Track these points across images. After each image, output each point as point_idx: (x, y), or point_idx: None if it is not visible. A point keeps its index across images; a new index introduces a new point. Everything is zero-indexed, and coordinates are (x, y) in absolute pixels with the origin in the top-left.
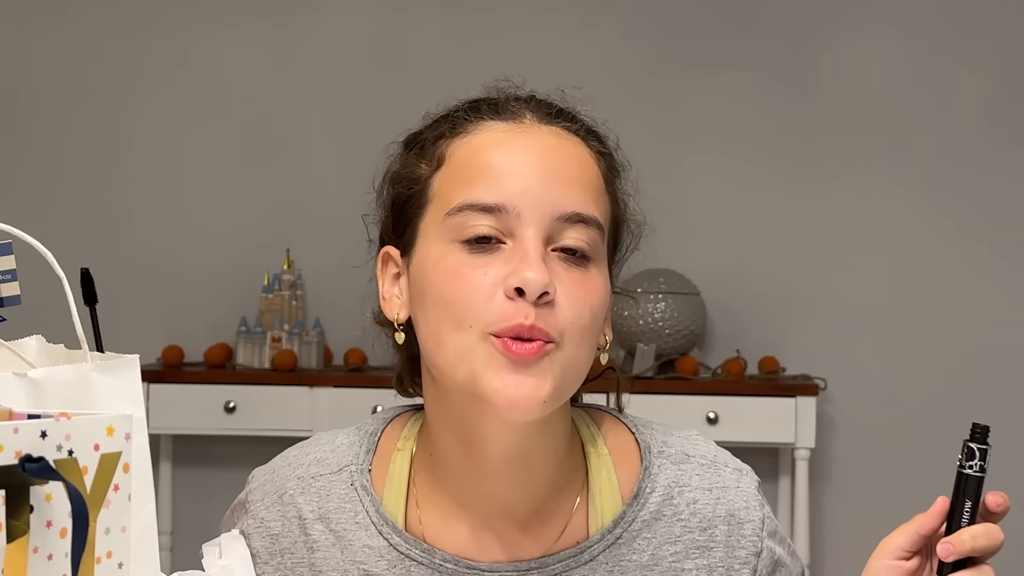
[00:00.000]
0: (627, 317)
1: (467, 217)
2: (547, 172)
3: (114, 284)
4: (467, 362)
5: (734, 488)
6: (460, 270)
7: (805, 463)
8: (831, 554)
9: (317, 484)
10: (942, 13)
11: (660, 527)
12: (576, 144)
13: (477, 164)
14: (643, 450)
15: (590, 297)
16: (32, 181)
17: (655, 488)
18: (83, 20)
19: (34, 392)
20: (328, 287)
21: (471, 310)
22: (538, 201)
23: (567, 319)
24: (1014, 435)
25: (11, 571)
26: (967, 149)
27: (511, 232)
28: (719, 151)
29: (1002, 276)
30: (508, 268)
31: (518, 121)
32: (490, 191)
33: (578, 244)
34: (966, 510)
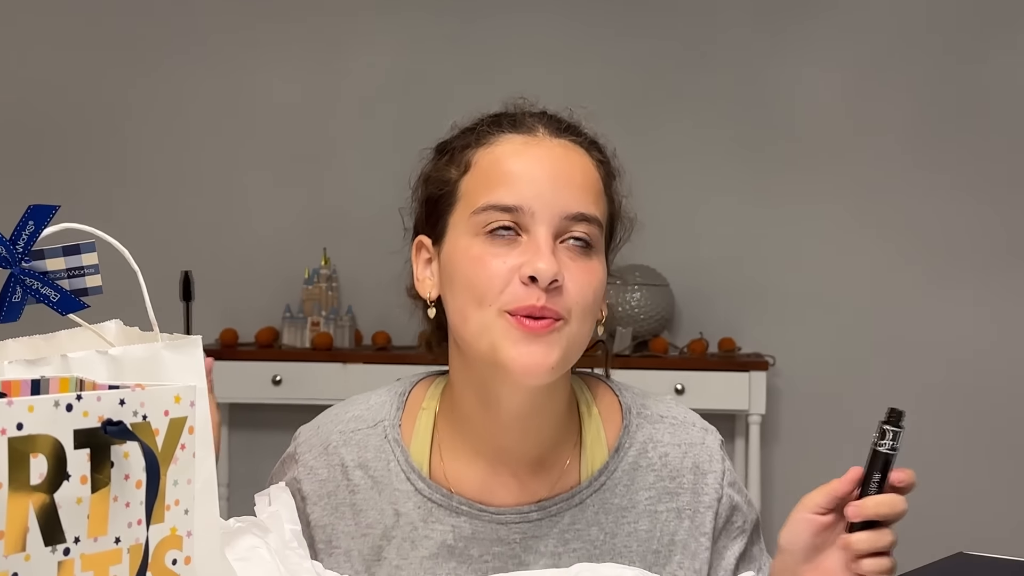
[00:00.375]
0: (608, 305)
1: (489, 215)
2: (556, 179)
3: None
4: (488, 335)
5: (700, 444)
6: (483, 258)
7: (757, 427)
8: (779, 501)
9: (356, 437)
10: (868, 54)
11: (637, 476)
12: (580, 154)
13: (498, 171)
14: (624, 411)
15: (592, 281)
16: (114, 190)
17: (633, 443)
18: (164, 57)
19: (114, 367)
20: (358, 280)
21: (491, 292)
22: (549, 203)
23: (573, 300)
24: (928, 405)
25: (95, 516)
26: (889, 166)
27: (526, 228)
28: (686, 166)
29: (918, 271)
30: (523, 259)
31: (532, 134)
32: (509, 194)
33: (582, 238)
34: (874, 480)
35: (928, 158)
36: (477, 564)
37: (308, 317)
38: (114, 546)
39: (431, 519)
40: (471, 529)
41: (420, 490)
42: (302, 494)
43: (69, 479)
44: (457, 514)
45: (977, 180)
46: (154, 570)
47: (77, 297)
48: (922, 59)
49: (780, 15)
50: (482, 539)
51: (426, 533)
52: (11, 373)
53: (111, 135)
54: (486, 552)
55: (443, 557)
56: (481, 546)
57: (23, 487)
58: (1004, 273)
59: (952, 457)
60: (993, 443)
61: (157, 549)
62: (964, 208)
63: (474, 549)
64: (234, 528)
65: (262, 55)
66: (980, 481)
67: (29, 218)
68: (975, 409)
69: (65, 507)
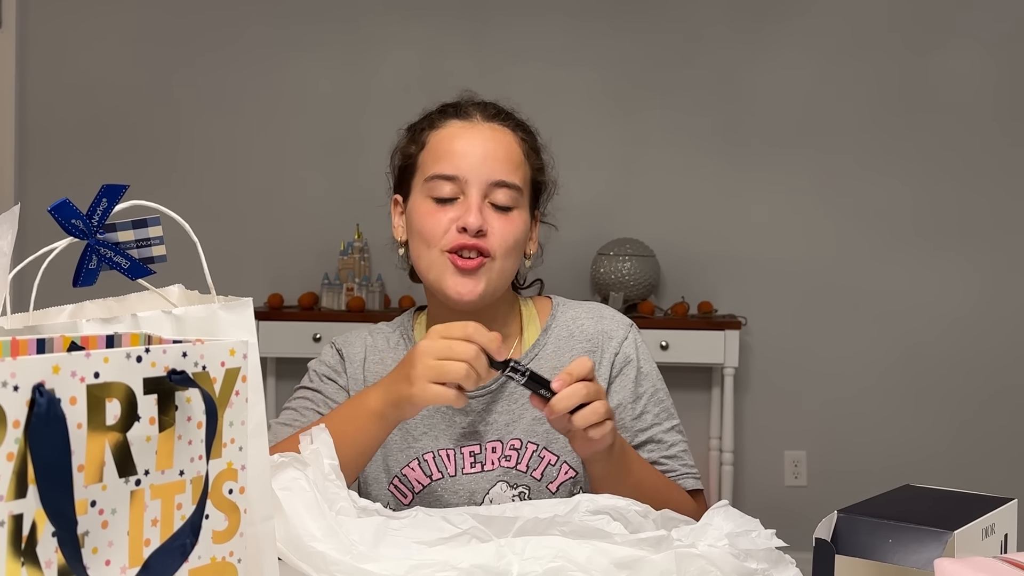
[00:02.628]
0: (603, 273)
1: (436, 184)
2: (484, 155)
3: (234, 250)
4: (434, 269)
5: (610, 319)
6: (432, 213)
7: (731, 378)
8: (750, 442)
9: (383, 334)
10: (830, 52)
11: (562, 343)
12: (505, 134)
13: (442, 149)
14: (553, 304)
15: (512, 229)
16: (177, 172)
17: (558, 323)
18: (219, 56)
19: (177, 325)
20: (386, 252)
21: (435, 237)
22: (478, 173)
23: (497, 242)
24: (878, 356)
25: (162, 452)
26: (849, 151)
27: (463, 191)
28: (670, 150)
29: (872, 242)
30: (459, 213)
31: (470, 120)
32: (449, 166)
33: (503, 200)
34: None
35: (883, 143)
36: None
37: (344, 283)
38: (178, 478)
39: None
40: None
41: None
42: (341, 354)
43: (139, 420)
44: None
45: (925, 163)
46: (213, 498)
47: (145, 265)
48: (877, 56)
49: (754, 18)
50: (461, 410)
51: None
52: (88, 329)
53: (174, 124)
54: (463, 419)
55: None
56: (459, 415)
57: (100, 427)
58: (945, 244)
59: (897, 398)
60: (933, 386)
61: (216, 480)
62: (913, 187)
63: (456, 415)
64: (278, 462)
65: (305, 53)
66: (923, 420)
67: (103, 196)
68: (919, 358)
69: (136, 444)
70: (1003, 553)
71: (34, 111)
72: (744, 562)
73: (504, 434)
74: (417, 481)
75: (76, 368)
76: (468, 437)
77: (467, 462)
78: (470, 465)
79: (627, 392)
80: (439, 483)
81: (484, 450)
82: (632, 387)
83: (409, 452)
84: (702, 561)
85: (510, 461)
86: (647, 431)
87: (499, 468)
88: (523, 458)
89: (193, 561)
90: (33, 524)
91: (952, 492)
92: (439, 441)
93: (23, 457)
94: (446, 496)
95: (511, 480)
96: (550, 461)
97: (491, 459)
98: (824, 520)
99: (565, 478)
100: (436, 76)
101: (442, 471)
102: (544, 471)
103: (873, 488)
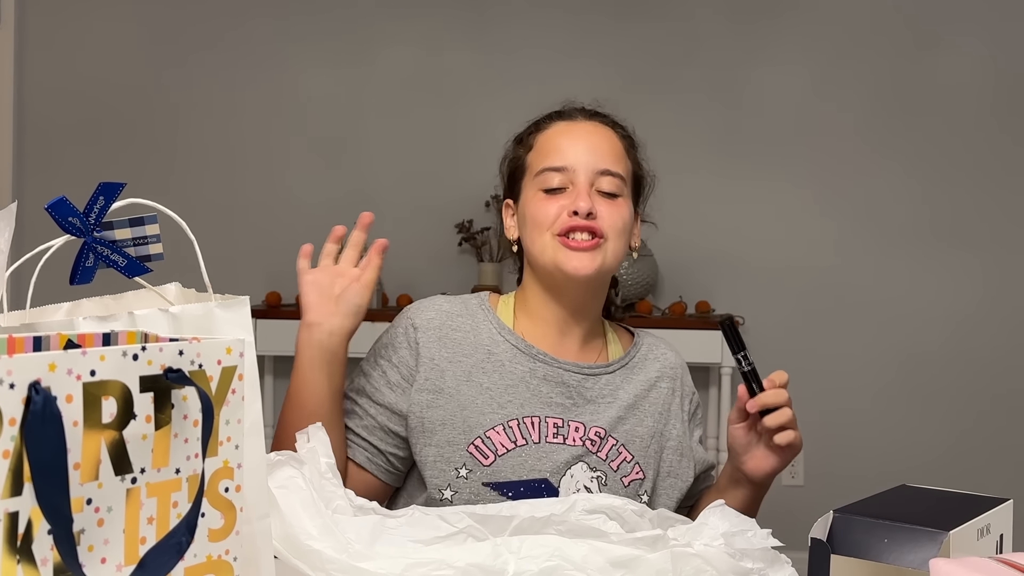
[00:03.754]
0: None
1: (546, 177)
2: (589, 146)
3: (231, 248)
4: (548, 252)
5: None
6: (544, 202)
7: (728, 377)
8: None
9: (459, 304)
10: (827, 52)
11: (647, 363)
12: (606, 130)
13: (550, 145)
14: (635, 334)
15: (620, 212)
16: (174, 170)
17: (640, 347)
18: (216, 53)
19: (174, 323)
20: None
21: (547, 223)
22: (585, 163)
23: (608, 224)
24: (874, 355)
25: (158, 450)
26: (846, 151)
27: (572, 182)
28: (670, 151)
29: (868, 243)
30: (569, 200)
31: (573, 119)
32: (558, 158)
33: (608, 187)
34: (755, 388)
35: (879, 143)
36: (543, 399)
37: None
38: (175, 476)
39: (515, 360)
40: (543, 372)
41: (508, 339)
42: (414, 325)
43: (136, 418)
44: (535, 360)
45: (924, 163)
46: (209, 497)
47: (142, 262)
48: (874, 56)
49: (753, 16)
50: (551, 380)
51: (511, 369)
52: (85, 327)
53: (172, 121)
54: (552, 391)
55: (520, 387)
56: (548, 385)
57: (96, 425)
58: (942, 245)
59: (894, 399)
60: (929, 387)
61: (212, 479)
62: (908, 189)
63: (544, 387)
64: (274, 461)
65: (302, 50)
66: (920, 421)
67: (100, 194)
68: (917, 359)
69: (132, 442)
70: (999, 553)
71: (32, 109)
72: (740, 561)
73: (589, 420)
74: (501, 444)
75: (72, 366)
76: (553, 408)
77: (550, 432)
78: (552, 435)
79: (698, 434)
80: (523, 448)
81: (567, 426)
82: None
83: (494, 416)
84: (698, 560)
85: (593, 446)
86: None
87: (582, 448)
88: (603, 448)
89: (189, 559)
90: (29, 522)
91: (948, 492)
92: (524, 408)
93: (19, 455)
94: (529, 462)
95: (591, 463)
96: (626, 458)
97: (573, 436)
98: (820, 520)
99: (635, 477)
100: (434, 72)
101: (526, 438)
102: (620, 465)
103: (870, 488)
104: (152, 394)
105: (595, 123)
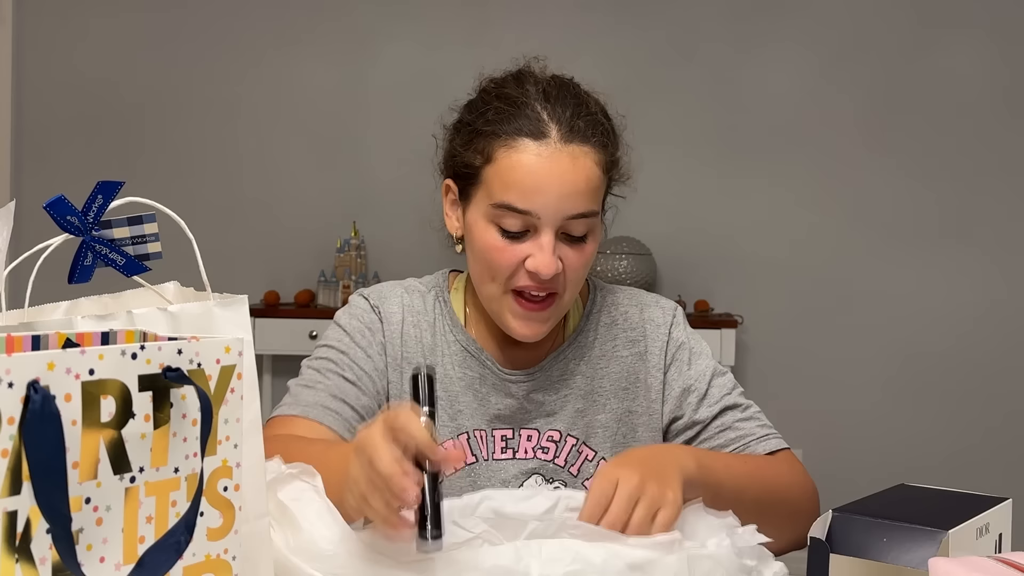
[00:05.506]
0: (599, 272)
1: (505, 213)
2: (562, 189)
3: (230, 247)
4: (496, 303)
5: (653, 305)
6: (499, 248)
7: None
8: None
9: (419, 293)
10: (826, 52)
11: (604, 333)
12: (586, 157)
13: (514, 176)
14: (591, 288)
15: (584, 260)
16: (173, 168)
17: (597, 307)
18: (215, 52)
19: (172, 322)
20: (383, 249)
21: (501, 275)
22: (554, 210)
23: (568, 280)
24: (874, 355)
25: (157, 449)
26: (844, 150)
27: (534, 227)
28: (667, 150)
29: (867, 242)
30: (530, 251)
31: (546, 141)
32: (522, 200)
33: (578, 231)
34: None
35: (878, 143)
36: (491, 409)
37: (340, 281)
38: (173, 475)
39: (464, 365)
40: (492, 380)
41: (460, 341)
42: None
43: (134, 417)
44: (483, 366)
45: (923, 161)
46: (208, 496)
47: (140, 261)
48: (874, 53)
49: (752, 15)
50: (498, 391)
51: (459, 374)
52: (83, 326)
53: (170, 120)
54: (500, 401)
55: (468, 395)
56: (496, 395)
57: (95, 424)
58: (942, 243)
59: (893, 398)
60: (930, 386)
61: (211, 478)
62: (908, 187)
63: (492, 396)
64: (286, 474)
65: (301, 48)
66: (919, 420)
67: (98, 193)
68: (916, 358)
69: (131, 441)
70: (997, 552)
71: (30, 107)
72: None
73: (543, 424)
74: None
75: (71, 365)
76: (502, 420)
77: (498, 447)
78: (501, 450)
79: (686, 376)
80: (473, 467)
81: (518, 436)
82: (688, 369)
83: (444, 430)
84: (710, 562)
85: (547, 453)
86: (718, 402)
87: (535, 460)
88: (561, 451)
89: (188, 558)
90: (27, 521)
91: (947, 492)
92: (473, 420)
93: (17, 454)
94: (480, 480)
95: (547, 474)
96: (587, 456)
97: (524, 447)
98: (819, 519)
99: None
100: (433, 70)
101: (476, 454)
102: (581, 467)
103: (869, 488)
104: (151, 393)
105: (573, 149)
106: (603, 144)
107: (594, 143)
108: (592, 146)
